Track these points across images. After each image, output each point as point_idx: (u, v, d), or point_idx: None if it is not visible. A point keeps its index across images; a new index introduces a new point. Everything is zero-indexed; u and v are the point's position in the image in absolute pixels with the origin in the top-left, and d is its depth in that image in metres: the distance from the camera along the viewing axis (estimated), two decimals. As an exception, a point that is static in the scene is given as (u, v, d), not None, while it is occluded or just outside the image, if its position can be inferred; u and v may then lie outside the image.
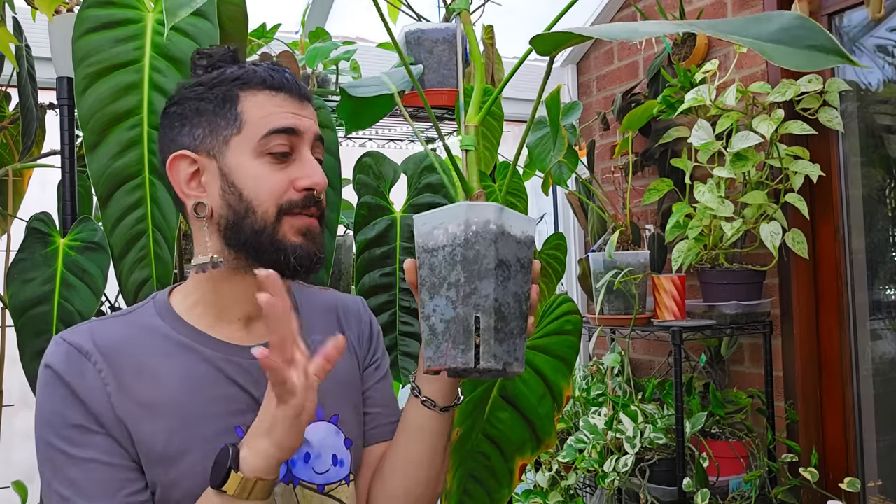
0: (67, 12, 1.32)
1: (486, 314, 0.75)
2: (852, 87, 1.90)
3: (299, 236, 0.85)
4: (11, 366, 1.45)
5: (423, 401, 0.90)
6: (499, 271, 0.76)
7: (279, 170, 0.85)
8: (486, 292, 0.76)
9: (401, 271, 1.39)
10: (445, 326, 0.77)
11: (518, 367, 0.79)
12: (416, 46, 1.82)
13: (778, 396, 2.00)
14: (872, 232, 1.92)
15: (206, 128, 0.86)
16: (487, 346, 0.75)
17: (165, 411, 0.81)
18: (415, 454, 0.93)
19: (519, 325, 0.79)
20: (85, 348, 0.82)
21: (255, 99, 0.86)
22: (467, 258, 0.76)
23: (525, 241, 0.80)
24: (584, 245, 2.63)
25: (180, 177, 0.87)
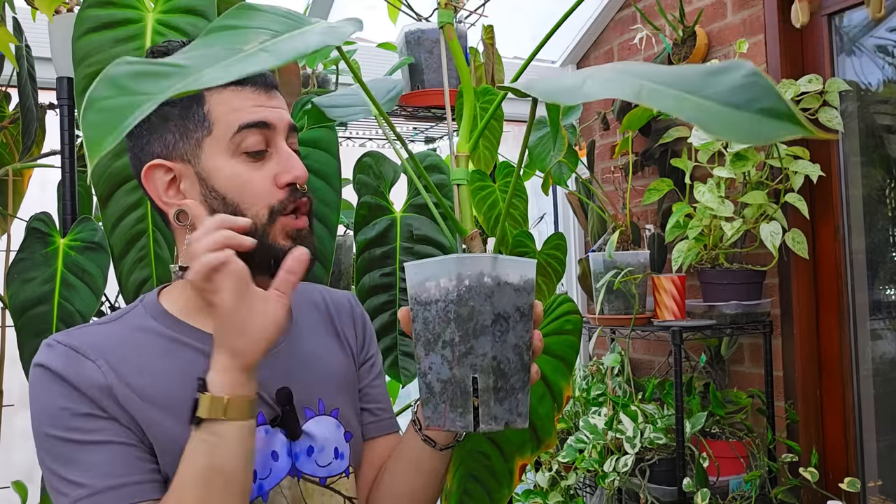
0: (67, 12, 1.32)
1: (484, 374, 0.71)
2: (852, 88, 1.90)
3: (289, 240, 0.84)
4: (11, 366, 1.45)
5: (423, 438, 0.89)
6: (496, 326, 0.72)
7: (257, 168, 0.84)
8: (483, 351, 0.71)
9: (401, 271, 1.39)
10: (442, 387, 0.73)
11: (522, 423, 0.74)
12: (416, 46, 1.82)
13: (778, 396, 2.00)
14: (872, 232, 1.92)
15: (176, 133, 0.84)
16: (487, 409, 0.71)
17: (168, 406, 0.80)
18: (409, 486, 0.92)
19: (521, 378, 0.74)
20: (80, 348, 0.81)
21: (221, 96, 0.83)
22: (461, 315, 0.71)
23: (524, 287, 0.75)
24: (584, 245, 2.63)
25: (157, 186, 0.85)
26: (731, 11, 2.11)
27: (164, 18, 1.13)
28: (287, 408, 0.86)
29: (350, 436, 0.93)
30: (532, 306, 0.77)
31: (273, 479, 0.85)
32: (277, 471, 0.85)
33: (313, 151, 1.27)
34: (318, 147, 1.27)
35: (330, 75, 1.93)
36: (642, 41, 2.26)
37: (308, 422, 0.89)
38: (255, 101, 0.84)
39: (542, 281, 1.76)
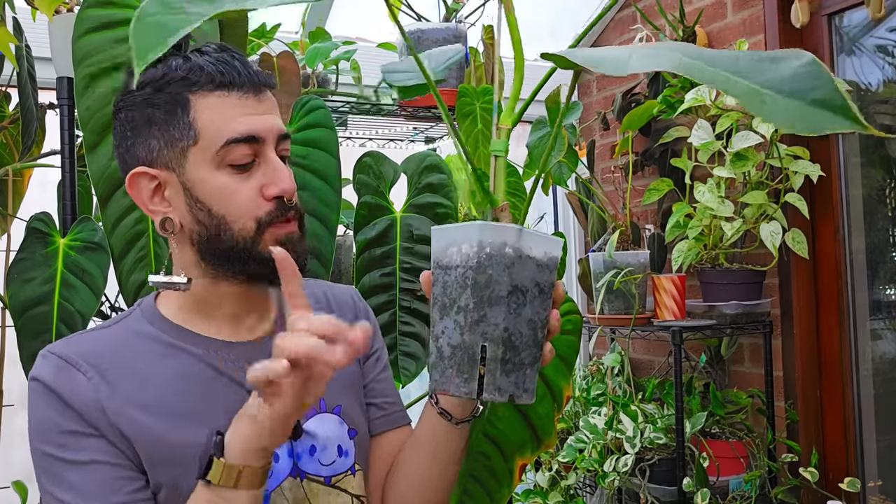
0: (67, 12, 1.32)
1: (493, 343, 0.71)
2: (852, 88, 1.90)
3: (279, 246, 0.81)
4: (11, 366, 1.45)
5: (439, 412, 0.87)
6: (512, 298, 0.72)
7: (244, 179, 0.81)
8: (496, 321, 0.71)
9: (401, 271, 1.40)
10: (452, 352, 0.73)
11: (527, 399, 0.74)
12: (417, 46, 1.82)
13: (778, 396, 2.00)
14: (872, 232, 1.92)
15: (161, 139, 0.81)
16: (492, 378, 0.71)
17: (163, 412, 0.80)
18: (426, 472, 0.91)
19: (531, 354, 0.74)
20: (73, 359, 0.80)
21: (206, 102, 0.80)
22: (478, 283, 0.71)
23: (547, 263, 0.74)
24: (584, 245, 2.63)
25: (142, 194, 0.83)
26: (731, 11, 2.11)
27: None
28: None
29: (354, 433, 0.92)
30: (553, 285, 0.76)
31: (274, 480, 0.84)
32: (278, 472, 0.84)
33: (313, 151, 1.27)
34: (318, 147, 1.27)
35: (330, 75, 1.93)
36: (642, 41, 2.26)
37: (309, 420, 0.88)
38: (243, 110, 0.81)
39: (542, 281, 1.76)
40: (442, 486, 0.92)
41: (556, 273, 0.76)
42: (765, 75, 0.51)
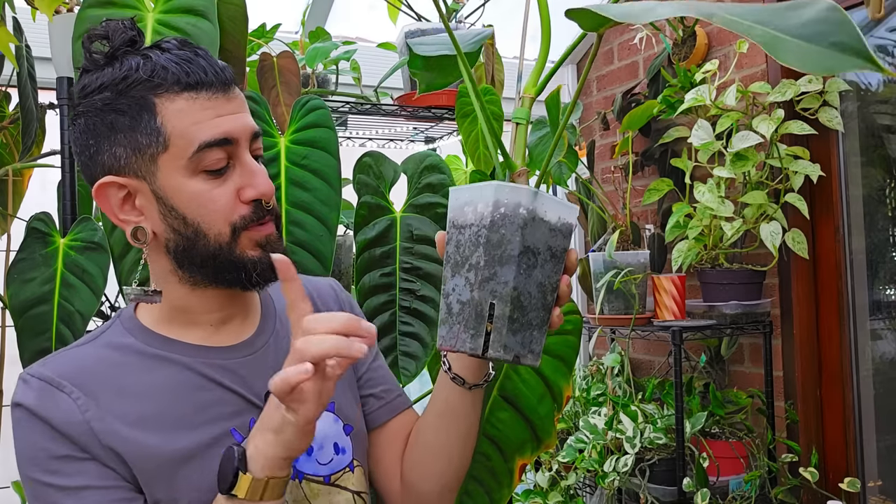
0: (67, 12, 1.32)
1: (501, 301, 0.72)
2: (852, 88, 1.90)
3: (258, 249, 0.80)
4: (11, 366, 1.45)
5: (452, 377, 0.86)
6: (523, 258, 0.72)
7: (220, 184, 0.78)
8: (506, 279, 0.72)
9: (401, 271, 1.40)
10: (460, 308, 0.74)
11: (532, 360, 0.75)
12: (416, 46, 1.82)
13: (778, 396, 2.00)
14: (872, 232, 1.92)
15: (127, 146, 0.77)
16: (499, 335, 0.72)
17: (155, 426, 0.77)
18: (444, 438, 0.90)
19: (539, 316, 0.75)
20: (55, 380, 0.77)
21: (174, 106, 0.76)
22: (491, 241, 0.72)
23: (561, 228, 0.76)
24: (584, 245, 2.63)
25: (111, 204, 0.80)
26: (731, 11, 2.11)
27: (164, 18, 1.13)
28: None
29: (350, 428, 0.91)
30: (566, 251, 0.76)
31: None
32: None
33: (313, 151, 1.27)
34: (318, 147, 1.27)
35: (330, 75, 1.93)
36: (642, 41, 2.26)
37: None
38: (215, 111, 0.77)
39: (542, 281, 1.76)
40: (462, 453, 0.91)
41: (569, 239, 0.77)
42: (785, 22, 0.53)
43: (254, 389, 0.83)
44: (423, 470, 0.92)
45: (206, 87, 0.77)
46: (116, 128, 0.77)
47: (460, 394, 0.87)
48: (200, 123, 0.76)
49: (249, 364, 0.85)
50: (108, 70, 0.78)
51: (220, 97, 0.78)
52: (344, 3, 2.15)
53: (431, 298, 1.39)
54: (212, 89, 0.78)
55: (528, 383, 1.16)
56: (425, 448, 0.92)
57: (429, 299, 1.39)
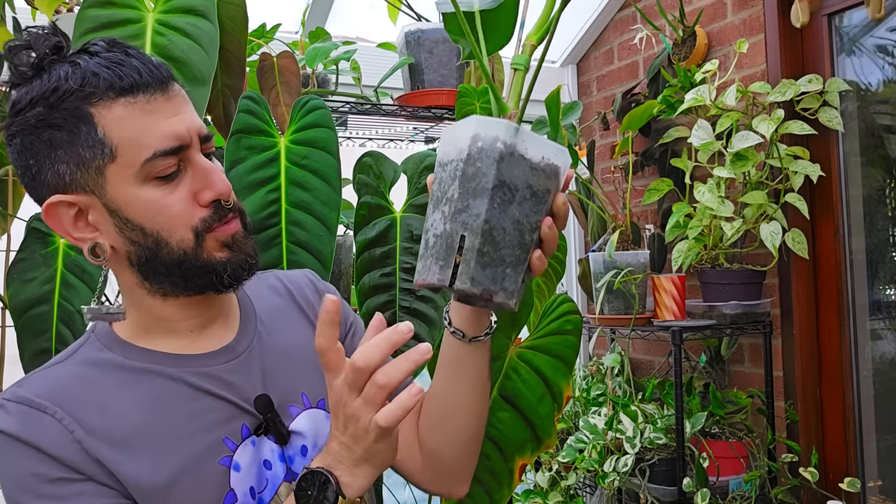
0: (67, 12, 1.32)
1: (472, 234, 0.71)
2: (852, 88, 1.90)
3: (225, 250, 0.78)
4: (11, 366, 1.45)
5: (452, 331, 0.86)
6: (497, 192, 0.71)
7: (173, 189, 0.75)
8: (478, 212, 0.71)
9: (401, 271, 1.39)
10: (434, 241, 0.74)
11: (505, 298, 0.73)
12: (417, 46, 1.82)
13: (778, 396, 2.00)
14: (872, 232, 1.92)
15: (70, 162, 0.73)
16: (467, 267, 0.71)
17: (143, 443, 0.74)
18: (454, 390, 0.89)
19: (514, 254, 0.73)
20: (36, 402, 0.72)
21: (113, 114, 0.72)
22: (466, 174, 0.72)
23: (544, 168, 0.74)
24: (584, 245, 2.63)
25: (63, 223, 0.76)
26: (731, 11, 2.11)
27: (164, 18, 1.13)
28: (268, 415, 0.81)
29: None
30: (550, 193, 0.75)
31: (270, 489, 0.81)
32: (273, 480, 0.81)
33: (313, 151, 1.27)
34: (318, 147, 1.27)
35: (330, 75, 1.93)
36: (642, 41, 2.26)
37: (295, 420, 0.84)
38: (158, 114, 0.74)
39: (543, 281, 1.76)
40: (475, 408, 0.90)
41: (555, 182, 0.76)
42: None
43: (242, 394, 0.81)
44: (440, 433, 0.92)
45: (143, 88, 0.73)
46: (55, 144, 0.73)
47: (463, 348, 0.87)
48: (145, 131, 0.73)
49: (235, 369, 0.82)
50: (36, 83, 0.73)
51: (158, 98, 0.74)
52: (344, 3, 2.15)
53: (431, 298, 1.39)
54: (149, 90, 0.74)
55: (528, 383, 1.16)
56: (439, 409, 0.91)
57: (429, 299, 1.39)
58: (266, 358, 0.85)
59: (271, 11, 1.93)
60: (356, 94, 1.86)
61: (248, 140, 1.23)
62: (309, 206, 1.25)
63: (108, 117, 0.72)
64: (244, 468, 0.79)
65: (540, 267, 0.76)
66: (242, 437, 0.80)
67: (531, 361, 1.17)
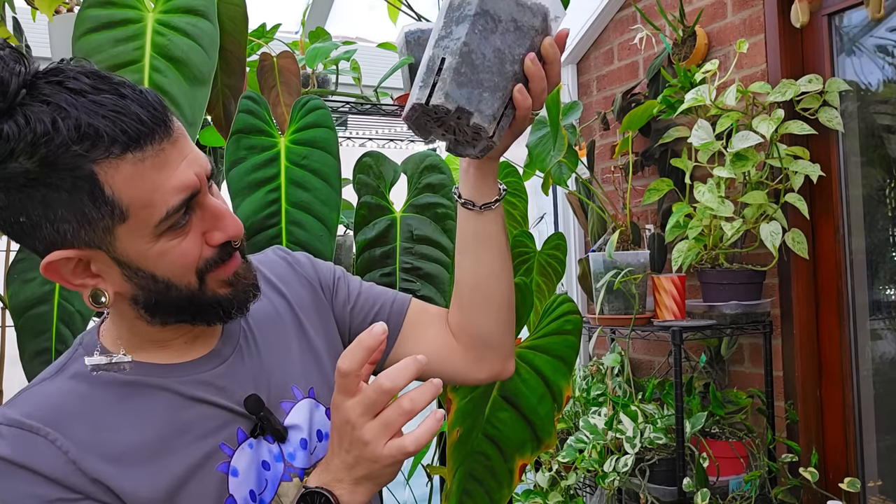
0: (67, 12, 1.32)
1: (451, 55, 0.75)
2: (852, 88, 1.91)
3: (227, 287, 0.77)
4: (11, 366, 1.45)
5: (462, 203, 0.90)
6: (479, 19, 0.75)
7: (185, 235, 0.72)
8: (458, 35, 0.75)
9: (401, 271, 1.39)
10: (419, 71, 0.77)
11: (480, 120, 0.75)
12: (416, 46, 1.82)
13: (778, 396, 2.00)
14: (872, 232, 1.92)
15: (73, 221, 0.67)
16: (443, 84, 0.74)
17: (139, 457, 0.73)
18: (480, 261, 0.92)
19: (493, 80, 0.76)
20: (27, 423, 0.70)
21: (122, 174, 0.66)
22: (452, 5, 0.77)
23: (531, 6, 0.78)
24: (584, 245, 2.63)
25: (63, 275, 0.72)
26: (731, 11, 2.11)
27: (164, 18, 1.13)
28: (261, 414, 0.80)
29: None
30: (537, 31, 0.79)
31: (270, 490, 0.80)
32: (273, 480, 0.81)
33: (313, 151, 1.27)
34: (318, 147, 1.27)
35: (330, 75, 1.93)
36: (642, 41, 2.26)
37: (289, 415, 0.84)
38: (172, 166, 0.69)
39: (543, 281, 1.76)
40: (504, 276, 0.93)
41: (541, 21, 0.79)
42: None
43: (234, 398, 0.80)
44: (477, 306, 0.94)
45: (149, 139, 0.67)
46: (52, 204, 0.66)
47: (477, 218, 0.90)
48: (159, 188, 0.68)
49: (224, 373, 0.81)
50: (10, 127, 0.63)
51: (166, 147, 0.68)
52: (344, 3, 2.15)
53: (431, 298, 1.39)
54: (156, 140, 0.67)
55: (528, 383, 1.16)
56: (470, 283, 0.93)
57: (429, 299, 1.39)
58: (252, 359, 0.85)
59: (271, 11, 1.93)
60: (356, 94, 1.86)
61: (248, 140, 1.23)
62: (309, 206, 1.25)
63: (115, 177, 0.66)
64: (242, 472, 0.78)
65: (523, 103, 0.79)
66: (239, 441, 0.79)
67: (531, 361, 1.17)
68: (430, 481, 1.74)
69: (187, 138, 0.73)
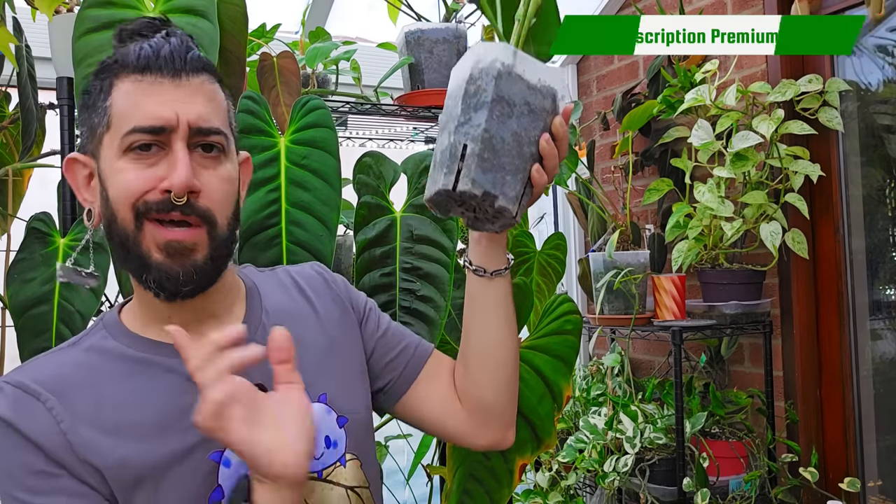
0: (67, 12, 1.32)
1: (473, 141, 0.77)
2: (852, 87, 1.91)
3: (160, 252, 0.76)
4: (11, 366, 1.45)
5: (474, 270, 0.92)
6: (496, 106, 0.78)
7: (144, 167, 0.75)
8: (478, 122, 0.77)
9: (401, 271, 1.39)
10: (441, 157, 0.80)
11: (506, 202, 0.79)
12: (416, 46, 1.82)
13: (778, 396, 2.00)
14: (872, 232, 1.92)
15: (87, 126, 0.80)
16: (468, 171, 0.77)
17: (135, 432, 0.75)
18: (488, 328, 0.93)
19: (513, 163, 0.80)
20: (31, 387, 0.74)
21: (123, 87, 0.77)
22: (468, 91, 0.79)
23: (541, 89, 0.81)
24: (584, 245, 2.63)
25: (77, 181, 0.81)
26: (731, 11, 2.11)
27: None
28: None
29: (344, 420, 0.88)
30: (548, 112, 0.82)
31: None
32: None
33: (313, 151, 1.27)
34: (318, 147, 1.27)
35: (330, 75, 1.93)
36: (642, 41, 2.26)
37: None
38: (159, 97, 0.76)
39: (543, 281, 1.76)
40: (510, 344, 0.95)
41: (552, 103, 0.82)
42: None
43: None
44: (483, 373, 0.95)
45: (153, 70, 0.76)
46: (86, 106, 0.80)
47: (487, 285, 0.92)
48: (136, 107, 0.76)
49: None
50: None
51: (166, 82, 0.77)
52: (344, 3, 2.15)
53: (431, 298, 1.39)
54: (157, 73, 0.76)
55: (528, 383, 1.16)
56: (478, 350, 0.95)
57: (429, 299, 1.39)
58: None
59: (271, 11, 1.93)
60: (356, 94, 1.86)
61: (248, 140, 1.23)
62: (309, 206, 1.25)
63: (119, 89, 0.77)
64: (234, 465, 0.79)
65: (540, 181, 0.83)
66: None
67: (531, 361, 1.17)
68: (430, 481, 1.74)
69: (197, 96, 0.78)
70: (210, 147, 0.79)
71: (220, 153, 0.80)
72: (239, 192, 0.85)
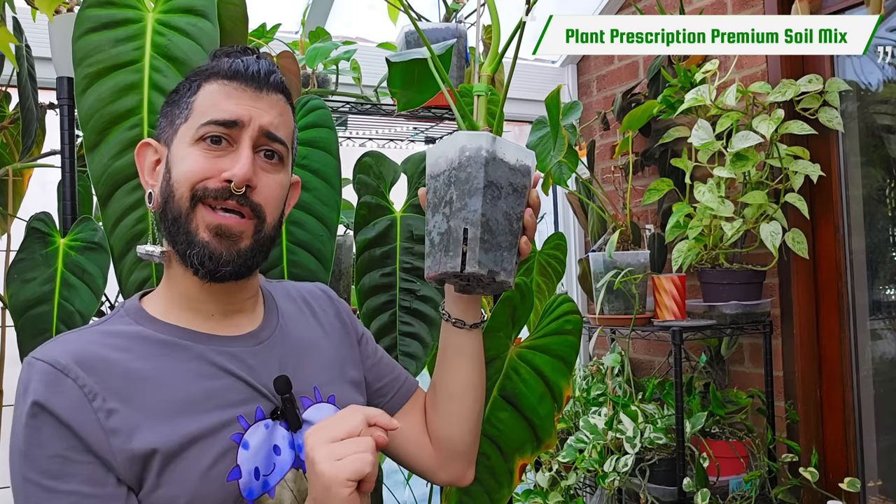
0: (67, 12, 1.32)
1: (473, 226, 0.85)
2: (852, 87, 1.90)
3: (209, 233, 0.82)
4: (11, 366, 1.45)
5: (453, 322, 0.98)
6: (487, 191, 0.85)
7: (211, 157, 0.83)
8: (475, 208, 0.85)
9: (401, 271, 1.40)
10: (440, 238, 0.87)
11: (506, 276, 0.87)
12: (416, 46, 1.82)
13: (778, 396, 2.00)
14: (872, 232, 1.92)
15: (167, 116, 0.88)
16: (473, 254, 0.84)
17: (165, 411, 0.78)
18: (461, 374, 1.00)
19: (507, 240, 0.88)
20: (61, 363, 0.76)
21: (210, 89, 0.85)
22: (459, 178, 0.86)
23: (519, 168, 0.89)
24: (584, 245, 2.63)
25: (143, 164, 0.89)
26: (731, 11, 2.11)
27: (164, 18, 1.13)
28: (287, 396, 0.85)
29: None
30: (527, 188, 0.90)
31: (277, 473, 0.84)
32: (281, 465, 0.85)
33: (313, 151, 1.27)
34: (318, 147, 1.27)
35: (330, 75, 1.93)
36: (642, 41, 2.26)
37: (307, 410, 0.89)
38: (238, 99, 0.85)
39: (543, 281, 1.76)
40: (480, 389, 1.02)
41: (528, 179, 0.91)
42: None
43: (261, 379, 0.86)
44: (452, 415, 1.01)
45: (240, 79, 0.85)
46: (170, 103, 0.88)
47: (464, 336, 0.99)
48: (218, 104, 0.84)
49: (257, 354, 0.87)
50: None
51: (249, 91, 0.85)
52: (344, 3, 2.15)
53: (431, 298, 1.39)
54: (245, 82, 0.85)
55: (528, 383, 1.16)
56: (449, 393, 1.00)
57: (429, 299, 1.39)
58: (285, 349, 0.91)
59: (271, 11, 1.93)
60: (356, 94, 1.86)
61: (248, 140, 1.23)
62: (309, 206, 1.25)
63: (205, 89, 0.85)
64: (253, 448, 0.82)
65: (526, 250, 0.91)
66: (256, 419, 0.84)
67: (531, 361, 1.17)
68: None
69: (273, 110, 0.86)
70: (272, 154, 0.87)
71: (280, 162, 0.88)
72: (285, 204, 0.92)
